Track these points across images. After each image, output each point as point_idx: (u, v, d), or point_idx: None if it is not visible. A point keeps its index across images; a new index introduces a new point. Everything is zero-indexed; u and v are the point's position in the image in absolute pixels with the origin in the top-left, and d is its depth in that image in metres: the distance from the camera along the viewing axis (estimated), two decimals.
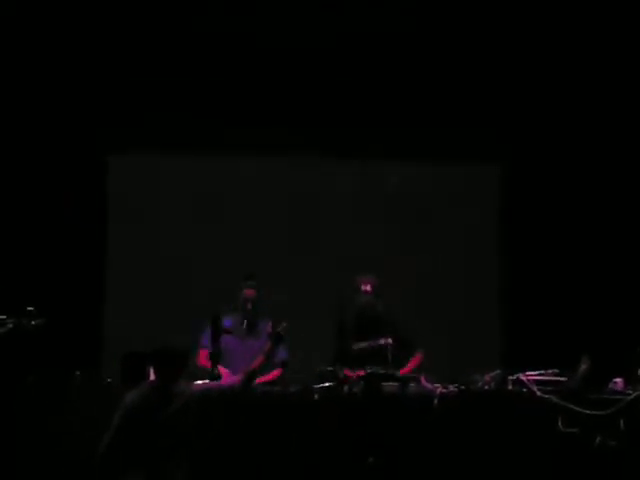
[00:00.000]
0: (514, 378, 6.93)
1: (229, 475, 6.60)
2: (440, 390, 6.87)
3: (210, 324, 7.15)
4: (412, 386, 6.98)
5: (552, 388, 6.83)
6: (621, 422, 6.68)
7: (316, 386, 6.94)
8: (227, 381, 6.27)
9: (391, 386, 6.93)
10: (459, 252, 9.72)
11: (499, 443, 6.73)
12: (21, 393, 6.83)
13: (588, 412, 6.67)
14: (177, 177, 9.76)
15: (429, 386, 6.97)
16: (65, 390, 6.93)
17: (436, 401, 6.79)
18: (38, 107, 9.29)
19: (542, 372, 6.97)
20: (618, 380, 6.94)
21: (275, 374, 7.55)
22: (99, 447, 5.87)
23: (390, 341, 7.70)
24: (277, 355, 7.33)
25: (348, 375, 7.19)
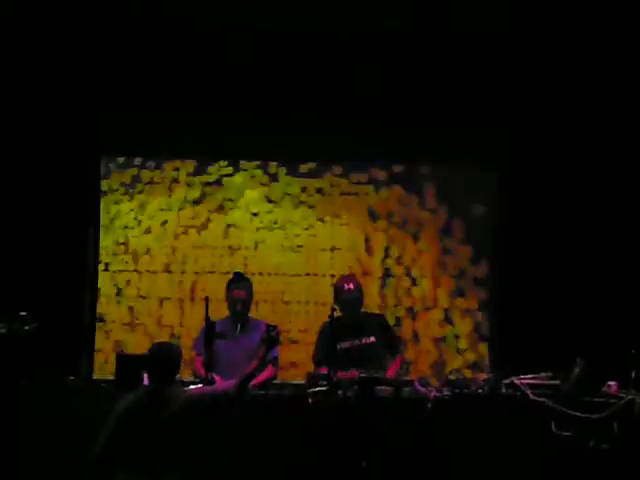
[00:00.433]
0: (508, 382, 6.94)
1: (224, 478, 6.61)
2: (434, 394, 6.86)
3: (204, 329, 7.13)
4: (405, 390, 6.97)
5: (546, 391, 6.83)
6: (615, 425, 6.68)
7: (310, 390, 6.93)
8: (221, 386, 6.24)
9: (384, 390, 6.93)
10: (454, 254, 9.72)
11: (493, 447, 6.72)
12: (14, 397, 6.82)
13: (582, 415, 6.67)
14: (169, 178, 9.76)
15: (422, 390, 6.96)
16: (58, 394, 6.92)
17: (429, 405, 6.79)
18: (30, 108, 9.26)
19: (536, 375, 6.99)
20: (612, 383, 6.94)
21: (267, 375, 7.50)
22: (93, 449, 5.86)
23: (373, 340, 7.70)
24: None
25: (342, 377, 7.20)
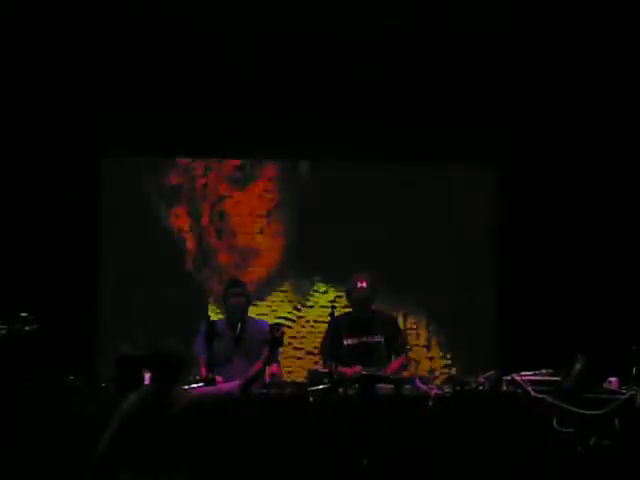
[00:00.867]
0: (509, 378, 6.94)
1: (225, 477, 6.60)
2: (435, 391, 6.87)
3: (204, 328, 7.12)
4: (407, 388, 6.97)
5: (547, 388, 6.84)
6: (616, 422, 6.68)
7: (311, 388, 6.93)
8: (225, 387, 6.22)
9: (385, 388, 6.93)
10: (455, 254, 9.72)
11: (494, 444, 6.72)
12: (16, 399, 6.82)
13: (583, 412, 6.68)
14: (170, 178, 9.76)
15: (424, 387, 6.96)
16: (60, 395, 6.92)
17: (431, 402, 6.79)
18: (31, 110, 9.26)
19: (537, 372, 6.99)
20: (613, 379, 6.95)
21: (274, 370, 7.51)
22: (96, 450, 5.86)
23: (382, 339, 7.72)
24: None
25: (344, 372, 7.21)
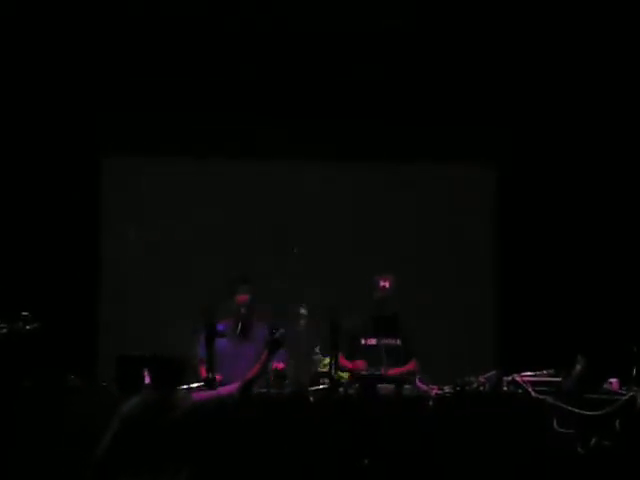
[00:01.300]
0: (509, 379, 6.95)
1: (227, 479, 6.60)
2: (435, 391, 6.88)
3: (204, 330, 7.13)
4: (407, 387, 6.97)
5: (547, 389, 6.85)
6: (617, 422, 6.69)
7: (311, 388, 6.93)
8: (225, 390, 6.20)
9: (386, 388, 6.93)
10: (455, 253, 9.72)
11: (495, 444, 6.73)
12: (17, 397, 6.82)
13: (584, 413, 6.68)
14: (171, 179, 9.75)
15: (424, 387, 6.97)
16: (60, 395, 6.91)
17: (431, 402, 6.79)
18: (32, 109, 9.28)
19: (537, 373, 6.99)
20: (613, 380, 6.95)
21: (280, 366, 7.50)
22: (96, 451, 5.83)
23: (399, 342, 7.70)
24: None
25: (346, 365, 7.22)
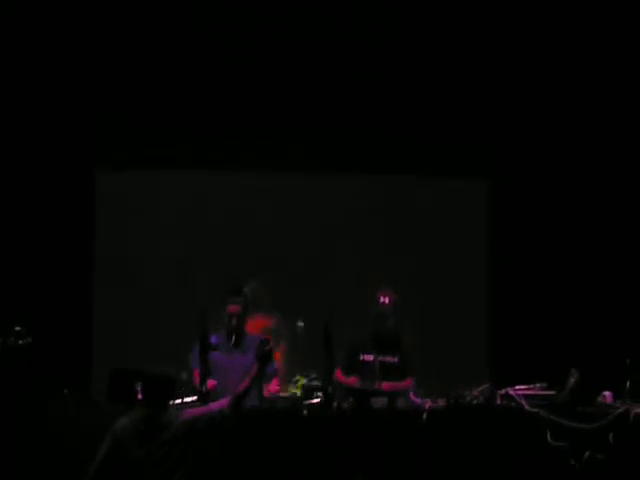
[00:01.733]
0: (503, 392, 6.94)
1: None
2: (429, 405, 6.87)
3: (198, 342, 7.12)
4: (401, 401, 6.97)
5: (541, 402, 6.84)
6: (610, 435, 6.68)
7: (305, 402, 6.92)
8: (215, 405, 6.18)
9: (379, 401, 6.92)
10: (447, 266, 9.72)
11: (488, 457, 6.72)
12: (11, 412, 6.80)
13: (577, 426, 6.68)
14: (164, 193, 9.76)
15: (418, 401, 6.97)
16: (55, 408, 6.90)
17: (425, 416, 6.78)
18: (25, 124, 9.28)
19: (531, 386, 6.99)
20: (607, 393, 6.95)
21: (275, 385, 7.52)
22: (87, 470, 5.80)
23: (397, 359, 7.67)
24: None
25: (341, 379, 7.22)
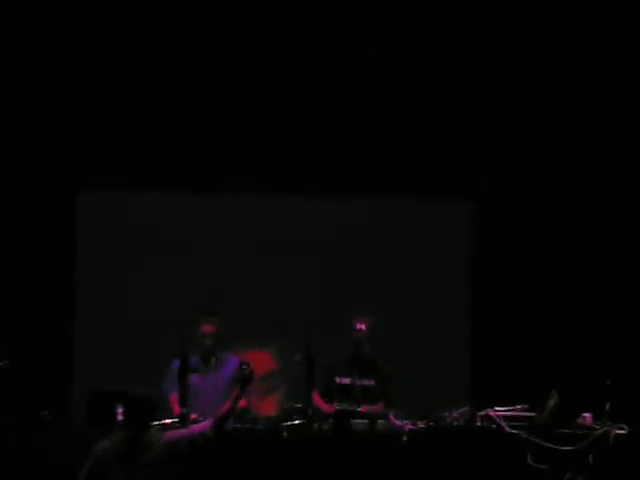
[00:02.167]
0: (483, 414, 6.94)
1: None
2: (409, 427, 6.86)
3: (177, 364, 7.11)
4: (381, 423, 6.95)
5: (521, 424, 6.85)
6: (590, 457, 6.69)
7: (284, 424, 6.91)
8: (197, 427, 6.17)
9: (359, 423, 6.91)
10: (429, 288, 9.72)
11: (469, 479, 6.71)
12: None
13: (557, 447, 6.68)
14: (145, 214, 9.75)
15: (398, 423, 6.95)
16: (34, 430, 6.86)
17: (405, 438, 6.78)
18: (6, 145, 9.27)
19: (511, 408, 6.99)
20: (587, 415, 6.96)
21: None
22: None
23: (373, 383, 7.66)
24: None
25: (321, 406, 7.20)
